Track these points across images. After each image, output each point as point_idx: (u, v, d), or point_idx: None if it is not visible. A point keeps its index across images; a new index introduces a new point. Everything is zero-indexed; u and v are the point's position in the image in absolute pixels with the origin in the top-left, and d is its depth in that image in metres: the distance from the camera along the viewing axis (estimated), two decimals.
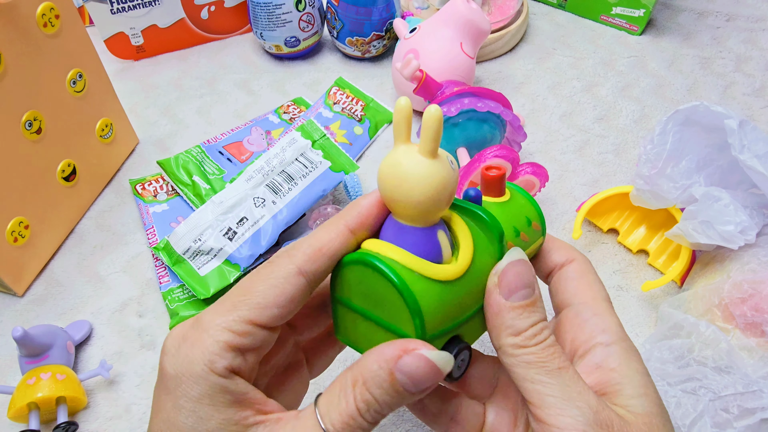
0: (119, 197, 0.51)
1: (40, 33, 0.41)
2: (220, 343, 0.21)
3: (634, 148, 0.55)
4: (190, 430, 0.21)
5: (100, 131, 0.49)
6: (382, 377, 0.21)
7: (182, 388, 0.21)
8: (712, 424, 0.33)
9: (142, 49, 0.63)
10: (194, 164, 0.50)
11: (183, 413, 0.21)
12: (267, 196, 0.46)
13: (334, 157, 0.49)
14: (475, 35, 0.53)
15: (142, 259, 0.46)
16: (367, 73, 0.63)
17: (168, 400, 0.22)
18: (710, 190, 0.39)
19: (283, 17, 0.58)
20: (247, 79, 0.62)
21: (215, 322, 0.22)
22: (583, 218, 0.46)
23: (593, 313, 0.26)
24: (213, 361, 0.21)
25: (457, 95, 0.47)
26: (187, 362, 0.21)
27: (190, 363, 0.21)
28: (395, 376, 0.21)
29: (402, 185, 0.22)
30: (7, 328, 0.43)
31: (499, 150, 0.42)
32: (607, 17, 0.68)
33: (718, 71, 0.63)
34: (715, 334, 0.35)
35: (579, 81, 0.62)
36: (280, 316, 0.23)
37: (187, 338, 0.22)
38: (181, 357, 0.22)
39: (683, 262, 0.42)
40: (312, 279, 0.23)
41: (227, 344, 0.22)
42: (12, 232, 0.42)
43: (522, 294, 0.23)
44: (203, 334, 0.22)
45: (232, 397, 0.22)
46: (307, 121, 0.50)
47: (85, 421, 0.38)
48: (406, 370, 0.21)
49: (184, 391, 0.21)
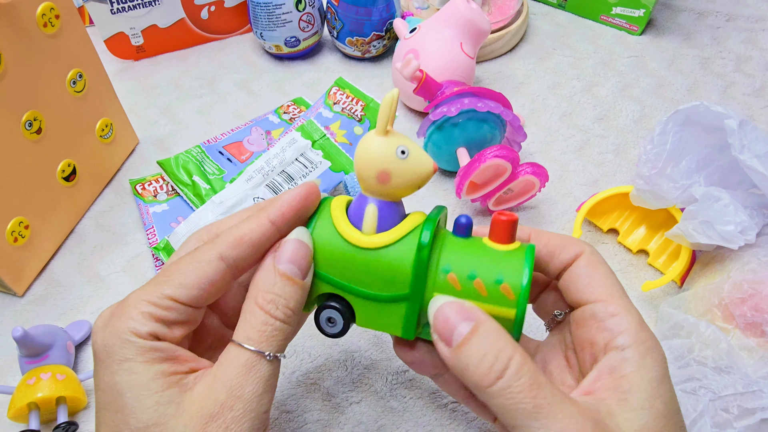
0: (119, 197, 0.51)
1: (40, 33, 0.41)
2: (143, 314, 0.24)
3: (634, 148, 0.55)
4: (127, 387, 0.23)
5: (100, 131, 0.49)
6: (271, 277, 0.25)
7: (113, 355, 0.23)
8: (712, 424, 0.33)
9: (142, 49, 0.63)
10: (194, 164, 0.50)
11: (118, 374, 0.23)
12: (267, 196, 0.46)
13: (334, 157, 0.49)
14: (475, 35, 0.53)
15: (142, 259, 0.46)
16: (367, 73, 0.63)
17: (101, 369, 0.24)
18: (710, 190, 0.39)
19: (283, 17, 0.58)
20: (247, 79, 0.62)
21: (139, 298, 0.24)
22: (583, 218, 0.46)
23: (610, 313, 0.25)
24: (136, 328, 0.23)
25: (457, 95, 0.47)
26: (114, 332, 0.23)
27: (117, 332, 0.23)
28: (279, 268, 0.25)
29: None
30: (7, 328, 0.43)
31: (499, 150, 0.42)
32: (607, 17, 0.68)
33: (718, 71, 0.63)
34: (715, 334, 0.35)
35: (579, 81, 0.62)
36: (200, 297, 0.25)
37: (113, 314, 0.24)
38: (108, 330, 0.24)
39: (683, 262, 0.42)
40: (233, 265, 0.25)
41: (150, 314, 0.24)
42: (12, 232, 0.42)
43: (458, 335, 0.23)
44: (128, 309, 0.24)
45: (163, 354, 0.24)
46: (307, 121, 0.50)
47: (85, 421, 0.38)
48: (282, 257, 0.25)
49: (115, 357, 0.23)
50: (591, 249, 0.28)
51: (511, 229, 0.26)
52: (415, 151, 0.26)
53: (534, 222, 0.49)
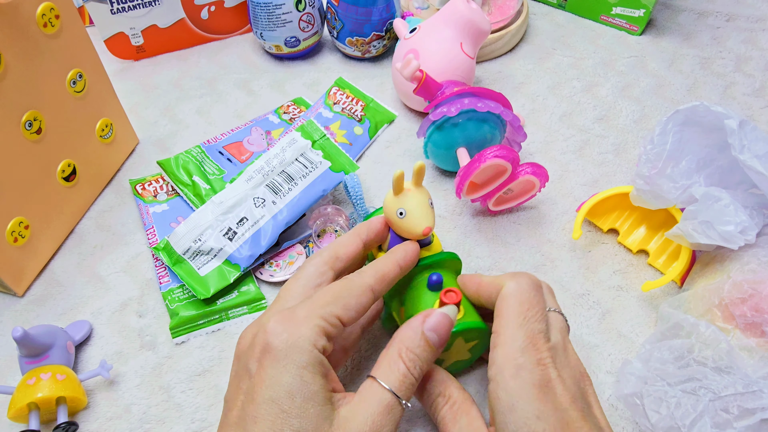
0: (119, 197, 0.51)
1: (40, 33, 0.41)
2: (320, 328, 0.28)
3: (634, 148, 0.55)
4: (298, 391, 0.27)
5: (100, 131, 0.49)
6: (418, 339, 0.30)
7: (292, 358, 0.27)
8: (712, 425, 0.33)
9: (142, 49, 0.63)
10: (194, 164, 0.50)
11: (289, 375, 0.27)
12: (267, 196, 0.46)
13: (333, 157, 0.49)
14: (475, 35, 0.53)
15: (142, 259, 0.46)
16: (367, 73, 0.63)
17: (276, 366, 0.27)
18: (710, 190, 0.39)
19: (283, 17, 0.58)
20: (247, 79, 0.62)
21: (314, 313, 0.29)
22: (583, 218, 0.46)
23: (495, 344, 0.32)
24: (316, 340, 0.28)
25: (457, 95, 0.47)
26: (295, 338, 0.28)
27: (298, 338, 0.28)
28: (426, 335, 0.30)
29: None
30: (7, 328, 0.43)
31: (499, 150, 0.42)
32: (607, 17, 0.68)
33: (718, 71, 0.63)
34: (715, 334, 0.35)
35: (579, 81, 0.62)
36: (355, 318, 0.31)
37: (291, 321, 0.29)
38: (288, 335, 0.28)
39: (683, 262, 0.42)
40: (377, 296, 0.32)
41: (323, 330, 0.29)
42: (12, 232, 0.42)
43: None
44: (307, 320, 0.28)
45: (323, 369, 0.28)
46: (306, 122, 0.51)
47: (85, 421, 0.38)
48: (430, 326, 0.31)
49: (292, 359, 0.27)
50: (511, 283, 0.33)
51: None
52: (411, 215, 0.35)
53: (534, 222, 0.49)
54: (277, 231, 0.45)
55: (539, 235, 0.48)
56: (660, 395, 0.34)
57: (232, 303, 0.43)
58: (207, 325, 0.42)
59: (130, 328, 0.43)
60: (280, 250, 0.46)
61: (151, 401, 0.39)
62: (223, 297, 0.43)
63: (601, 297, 0.44)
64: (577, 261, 0.47)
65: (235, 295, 0.43)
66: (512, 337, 0.31)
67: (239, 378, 0.29)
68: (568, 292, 0.45)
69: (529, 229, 0.49)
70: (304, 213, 0.47)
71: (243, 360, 0.30)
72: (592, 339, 0.42)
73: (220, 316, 0.43)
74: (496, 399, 0.30)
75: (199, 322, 0.42)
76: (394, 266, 0.33)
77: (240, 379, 0.29)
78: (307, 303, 0.30)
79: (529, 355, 0.30)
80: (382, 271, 0.32)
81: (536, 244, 0.48)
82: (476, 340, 0.36)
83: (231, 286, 0.44)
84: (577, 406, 0.29)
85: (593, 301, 0.44)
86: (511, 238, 0.48)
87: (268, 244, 0.44)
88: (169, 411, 0.39)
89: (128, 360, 0.41)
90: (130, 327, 0.43)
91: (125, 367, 0.41)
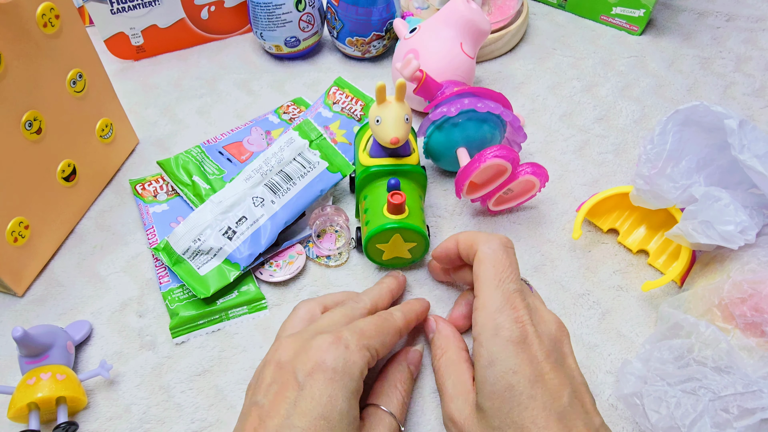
0: (119, 197, 0.51)
1: (40, 33, 0.41)
2: (367, 358, 0.32)
3: (634, 148, 0.55)
4: (346, 412, 0.30)
5: (100, 131, 0.49)
6: (405, 371, 0.38)
7: (344, 381, 0.30)
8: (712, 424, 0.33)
9: (142, 49, 0.63)
10: (194, 164, 0.50)
11: (342, 399, 0.30)
12: (266, 195, 0.46)
13: (331, 158, 0.49)
14: (475, 35, 0.53)
15: (142, 259, 0.46)
16: (367, 73, 0.63)
17: (328, 384, 0.30)
18: (710, 190, 0.39)
19: (283, 17, 0.58)
20: (247, 79, 0.62)
21: (363, 343, 0.32)
22: (582, 218, 0.46)
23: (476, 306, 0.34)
24: (363, 369, 0.32)
25: (457, 95, 0.47)
26: (349, 364, 0.31)
27: (352, 365, 0.31)
28: (409, 368, 0.38)
29: None
30: (7, 328, 0.43)
31: (499, 150, 0.42)
32: (607, 17, 0.68)
33: (718, 71, 0.63)
34: (715, 334, 0.35)
35: (579, 81, 0.62)
36: (384, 355, 0.35)
37: (344, 345, 0.31)
38: (344, 359, 0.31)
39: (683, 262, 0.42)
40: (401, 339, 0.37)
41: (368, 360, 0.32)
42: (12, 232, 0.42)
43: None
44: (358, 349, 0.32)
45: (359, 395, 0.32)
46: (303, 120, 0.50)
47: (85, 421, 0.38)
48: (411, 361, 0.39)
49: (345, 384, 0.30)
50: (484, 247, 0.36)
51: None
52: (384, 124, 0.40)
53: (534, 222, 0.49)
54: (276, 230, 0.45)
55: (539, 235, 0.48)
56: (660, 395, 0.34)
57: (232, 303, 0.43)
58: (207, 325, 0.42)
59: (130, 328, 0.43)
60: (280, 250, 0.46)
61: (151, 401, 0.39)
62: (223, 297, 0.43)
63: (601, 297, 0.44)
64: (577, 261, 0.47)
65: (235, 295, 0.43)
66: (490, 297, 0.33)
67: (284, 386, 0.30)
68: (568, 292, 0.45)
69: (529, 229, 0.49)
70: (303, 213, 0.47)
71: (289, 368, 0.31)
72: (592, 339, 0.42)
73: (220, 316, 0.43)
74: (479, 356, 0.32)
75: (199, 322, 0.42)
76: (415, 318, 0.38)
77: (285, 387, 0.30)
78: (355, 331, 0.32)
79: (507, 314, 0.32)
80: (408, 319, 0.37)
81: (536, 244, 0.48)
82: (415, 242, 0.42)
83: (231, 286, 0.44)
84: (551, 358, 0.32)
85: (593, 301, 0.44)
86: (511, 238, 0.48)
87: (268, 243, 0.44)
88: (169, 411, 0.39)
89: (128, 360, 0.41)
90: (130, 327, 0.43)
91: (125, 367, 0.41)
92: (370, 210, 0.43)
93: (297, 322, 0.36)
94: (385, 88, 0.40)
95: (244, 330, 0.42)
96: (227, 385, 0.40)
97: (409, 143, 0.45)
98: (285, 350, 0.32)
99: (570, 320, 0.43)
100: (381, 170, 0.43)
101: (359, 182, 0.44)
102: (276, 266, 0.45)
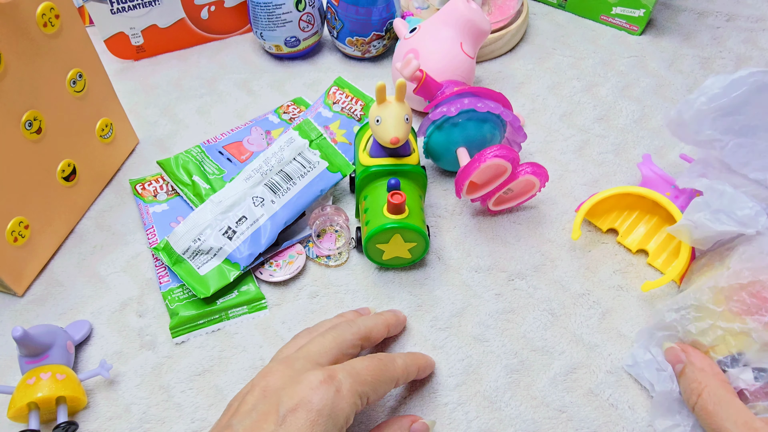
0: (119, 197, 0.51)
1: (40, 33, 0.41)
2: (356, 405, 0.31)
3: (634, 148, 0.55)
4: None
5: (100, 131, 0.49)
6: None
7: (326, 427, 0.29)
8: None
9: (142, 49, 0.63)
10: (194, 164, 0.50)
11: None
12: (266, 195, 0.46)
13: (331, 158, 0.49)
14: (475, 35, 0.53)
15: (142, 259, 0.46)
16: (367, 73, 0.63)
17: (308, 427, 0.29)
18: (713, 183, 0.39)
19: (283, 17, 0.58)
20: (247, 79, 0.62)
21: (356, 390, 0.31)
22: (582, 218, 0.46)
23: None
24: (348, 417, 0.30)
25: (457, 95, 0.47)
26: (336, 410, 0.30)
27: (338, 412, 0.30)
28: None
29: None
30: (7, 328, 0.43)
31: (499, 150, 0.42)
32: (607, 17, 0.68)
33: (718, 71, 0.63)
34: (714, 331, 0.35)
35: (579, 81, 0.62)
36: (375, 402, 0.35)
37: (335, 388, 0.30)
38: (332, 405, 0.30)
39: (683, 261, 0.42)
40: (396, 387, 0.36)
41: (357, 408, 0.31)
42: (12, 232, 0.42)
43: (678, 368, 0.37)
44: (348, 396, 0.30)
45: None
46: (303, 120, 0.50)
47: (85, 421, 0.38)
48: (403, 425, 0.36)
49: (326, 430, 0.29)
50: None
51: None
52: (384, 124, 0.41)
53: (534, 222, 0.49)
54: (276, 230, 0.45)
55: (539, 235, 0.48)
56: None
57: (232, 303, 0.43)
58: (207, 324, 0.42)
59: (130, 327, 0.43)
60: (280, 250, 0.46)
61: (151, 401, 0.39)
62: (223, 297, 0.43)
63: (601, 297, 0.44)
64: (577, 261, 0.47)
65: (235, 295, 0.43)
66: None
67: (264, 416, 0.29)
68: (568, 292, 0.45)
69: (529, 229, 0.49)
70: (303, 212, 0.47)
71: (274, 399, 0.30)
72: (592, 339, 0.42)
73: (220, 316, 0.43)
74: None
75: (199, 321, 0.42)
76: (416, 371, 0.37)
77: (264, 418, 0.29)
78: (350, 373, 0.31)
79: None
80: (409, 372, 0.36)
81: (536, 244, 0.48)
82: (415, 242, 0.43)
83: (231, 286, 0.44)
84: None
85: (593, 301, 0.44)
86: (511, 238, 0.48)
87: (268, 243, 0.44)
88: (169, 411, 0.39)
89: (128, 360, 0.41)
90: (130, 327, 0.43)
91: (125, 367, 0.41)
92: (370, 210, 0.43)
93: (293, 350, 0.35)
94: (385, 88, 0.40)
95: (244, 330, 0.42)
96: (227, 385, 0.40)
97: (409, 143, 0.45)
98: (274, 377, 0.31)
99: (570, 320, 0.43)
100: (381, 170, 0.43)
101: (359, 182, 0.44)
102: (276, 266, 0.45)
